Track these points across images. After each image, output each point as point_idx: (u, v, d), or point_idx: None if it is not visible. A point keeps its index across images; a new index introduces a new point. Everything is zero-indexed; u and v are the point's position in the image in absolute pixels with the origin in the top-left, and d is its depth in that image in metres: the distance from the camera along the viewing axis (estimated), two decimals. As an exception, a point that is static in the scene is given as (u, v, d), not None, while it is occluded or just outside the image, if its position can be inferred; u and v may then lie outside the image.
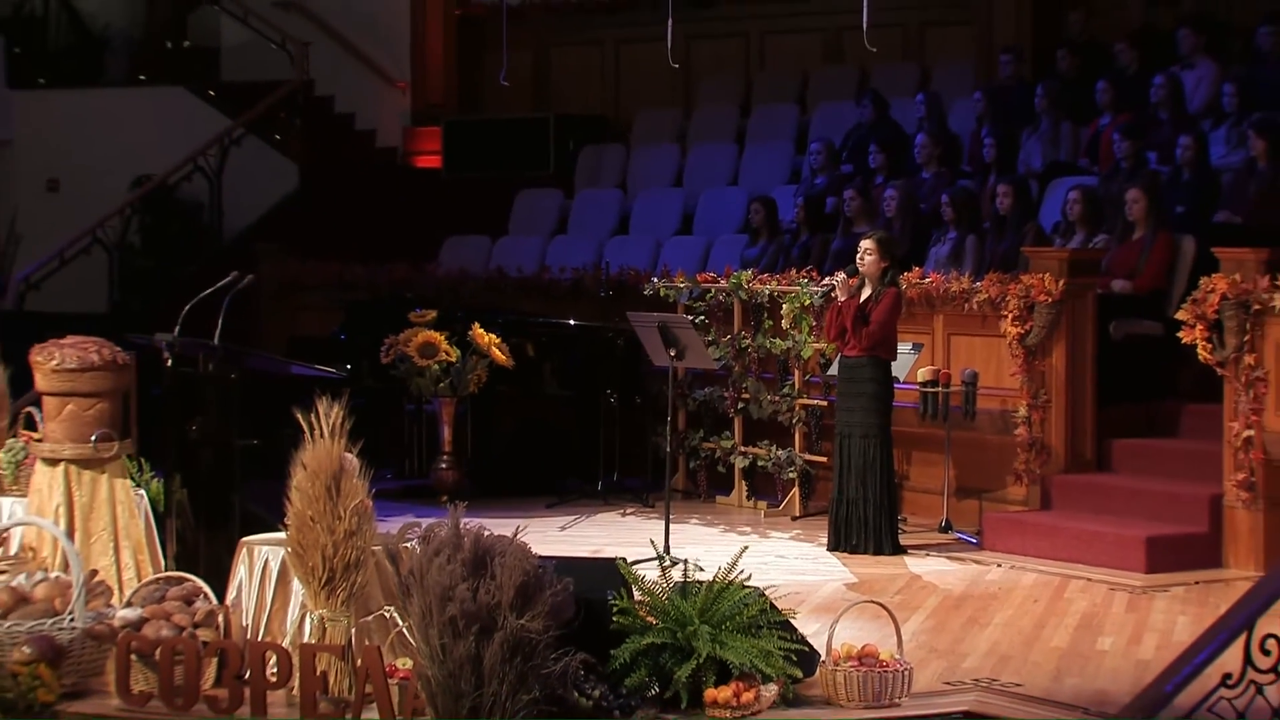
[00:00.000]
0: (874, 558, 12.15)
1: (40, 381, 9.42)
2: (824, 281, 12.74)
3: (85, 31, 23.25)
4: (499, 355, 14.20)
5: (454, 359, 14.25)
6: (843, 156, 17.09)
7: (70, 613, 8.74)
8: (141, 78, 22.78)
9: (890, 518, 12.32)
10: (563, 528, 13.49)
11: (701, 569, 11.10)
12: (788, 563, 12.20)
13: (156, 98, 22.03)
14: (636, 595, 8.38)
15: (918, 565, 12.05)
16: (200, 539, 10.06)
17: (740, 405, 14.27)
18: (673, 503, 14.22)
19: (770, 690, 8.13)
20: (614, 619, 8.19)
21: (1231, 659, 6.89)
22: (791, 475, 13.78)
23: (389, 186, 21.39)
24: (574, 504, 14.35)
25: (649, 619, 8.27)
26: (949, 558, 12.27)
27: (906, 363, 12.96)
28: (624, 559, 8.64)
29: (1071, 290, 12.56)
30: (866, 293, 12.25)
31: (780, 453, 13.85)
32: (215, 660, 8.37)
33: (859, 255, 12.31)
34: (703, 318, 14.53)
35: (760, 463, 14.10)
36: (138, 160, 21.16)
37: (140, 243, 21.07)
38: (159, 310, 20.06)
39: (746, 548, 9.15)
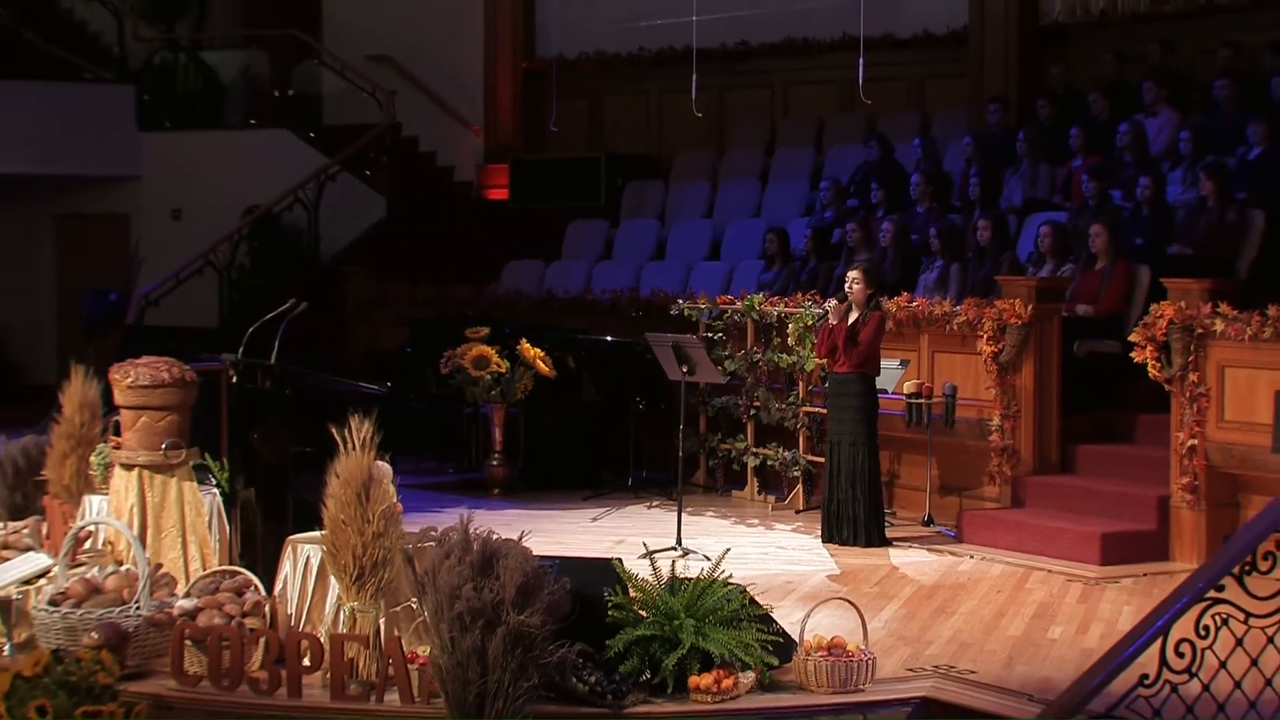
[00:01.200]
0: (862, 549, 11.91)
1: (118, 396, 9.33)
2: (823, 303, 12.42)
3: (207, 81, 23.13)
4: (542, 367, 14.12)
5: (504, 370, 14.13)
6: (850, 192, 16.85)
7: (136, 602, 8.59)
8: (252, 121, 22.68)
9: (876, 514, 12.08)
10: (594, 519, 13.31)
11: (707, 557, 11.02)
12: (786, 553, 11.97)
13: (265, 139, 21.91)
14: (631, 592, 8.18)
15: (899, 557, 11.80)
16: (261, 535, 9.87)
17: (752, 411, 14.04)
18: (694, 496, 14.21)
19: (748, 677, 7.98)
20: (609, 613, 7.99)
21: (1149, 660, 6.61)
22: (796, 473, 13.56)
23: (463, 216, 21.24)
24: (608, 497, 14.13)
25: (641, 613, 8.08)
26: (928, 549, 12.00)
27: (894, 376, 12.78)
28: (619, 559, 8.37)
29: (1039, 314, 12.36)
30: (854, 316, 12.02)
31: (786, 453, 13.65)
32: (261, 646, 8.20)
33: (846, 284, 12.18)
34: (720, 334, 14.34)
35: (769, 462, 13.87)
36: (248, 193, 21.01)
37: (250, 264, 20.91)
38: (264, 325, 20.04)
39: (729, 550, 8.90)
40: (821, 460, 12.88)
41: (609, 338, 14.80)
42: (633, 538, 12.18)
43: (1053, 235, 13.58)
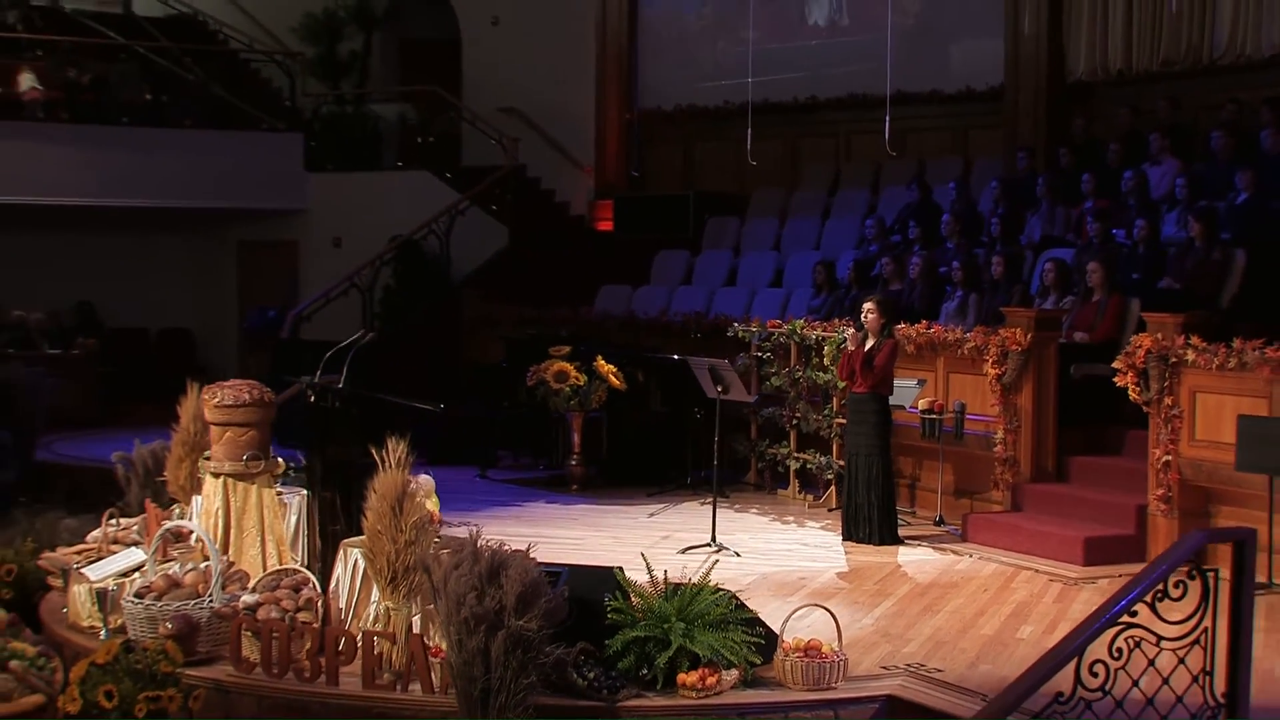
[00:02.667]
0: (875, 547, 11.49)
1: (207, 414, 9.13)
2: (849, 333, 11.93)
3: (364, 130, 22.98)
4: (614, 381, 13.88)
5: (582, 383, 13.83)
6: (894, 229, 16.29)
7: (209, 596, 8.31)
8: (400, 164, 22.47)
9: (889, 517, 11.66)
10: (651, 514, 12.96)
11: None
12: (807, 550, 11.55)
13: (410, 179, 21.68)
14: (632, 597, 7.80)
15: (906, 555, 11.32)
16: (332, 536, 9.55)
17: (794, 421, 13.61)
18: (743, 494, 13.92)
19: (731, 675, 7.61)
20: (609, 615, 7.61)
21: (1064, 679, 6.13)
22: (830, 476, 13.14)
23: (575, 245, 20.89)
24: (669, 493, 13.73)
25: (638, 615, 7.69)
26: (934, 548, 11.53)
27: (912, 394, 12.33)
28: (621, 568, 7.96)
29: (1037, 341, 11.93)
30: (870, 343, 11.56)
31: (822, 458, 13.23)
32: (305, 638, 7.88)
33: (862, 314, 11.78)
34: (768, 354, 13.91)
35: (808, 465, 13.46)
36: (395, 224, 20.75)
37: (395, 284, 20.67)
38: (406, 334, 19.83)
39: (717, 561, 8.51)
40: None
41: (675, 356, 14.32)
42: (679, 533, 11.95)
43: (1055, 271, 13.08)
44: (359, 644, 7.67)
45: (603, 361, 13.91)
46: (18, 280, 22.16)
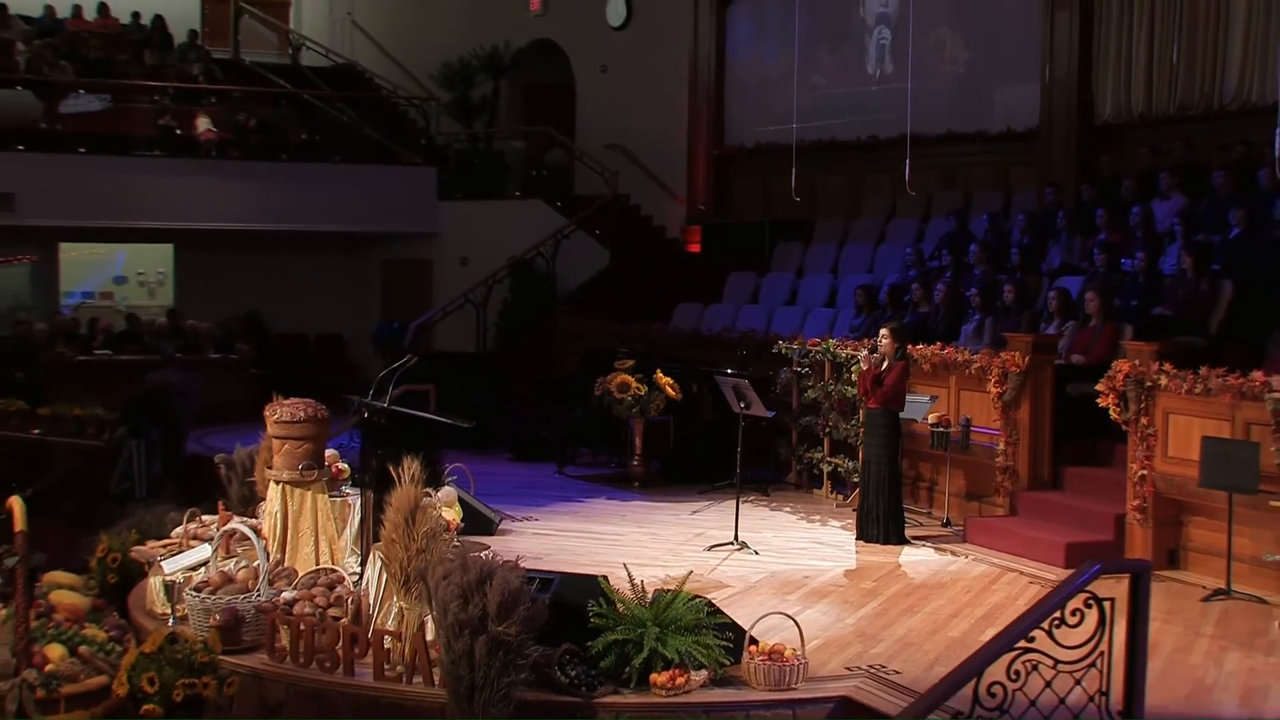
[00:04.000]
0: (883, 546, 11.10)
1: (269, 428, 9.02)
2: (862, 354, 11.53)
3: (488, 164, 22.95)
4: (670, 391, 13.59)
5: (642, 392, 13.53)
6: (933, 256, 15.79)
7: (257, 591, 8.19)
8: (517, 193, 22.34)
9: (896, 519, 11.29)
10: (694, 512, 12.57)
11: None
12: (821, 549, 11.17)
13: (526, 206, 21.60)
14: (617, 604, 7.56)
15: (909, 554, 10.91)
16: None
17: (827, 429, 13.22)
18: (782, 492, 13.64)
19: (700, 675, 7.37)
20: (592, 620, 7.34)
21: (963, 699, 5.78)
22: (855, 479, 12.59)
23: (667, 266, 20.56)
24: (718, 491, 13.27)
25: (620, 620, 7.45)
26: (935, 548, 11.10)
27: (924, 408, 11.93)
28: (605, 577, 7.70)
29: (1035, 363, 11.44)
30: (885, 365, 11.16)
31: (850, 463, 12.82)
32: (329, 633, 7.73)
33: (879, 339, 11.36)
34: (806, 369, 13.52)
35: (839, 469, 13.07)
36: (513, 246, 20.70)
37: (511, 299, 20.61)
38: (515, 344, 19.74)
39: (690, 572, 8.22)
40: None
41: (729, 370, 13.98)
42: (712, 530, 11.65)
43: (1059, 298, 12.63)
44: (371, 640, 7.52)
45: (661, 374, 13.63)
46: (196, 293, 22.50)
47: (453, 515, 8.85)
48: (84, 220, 20.56)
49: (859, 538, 11.30)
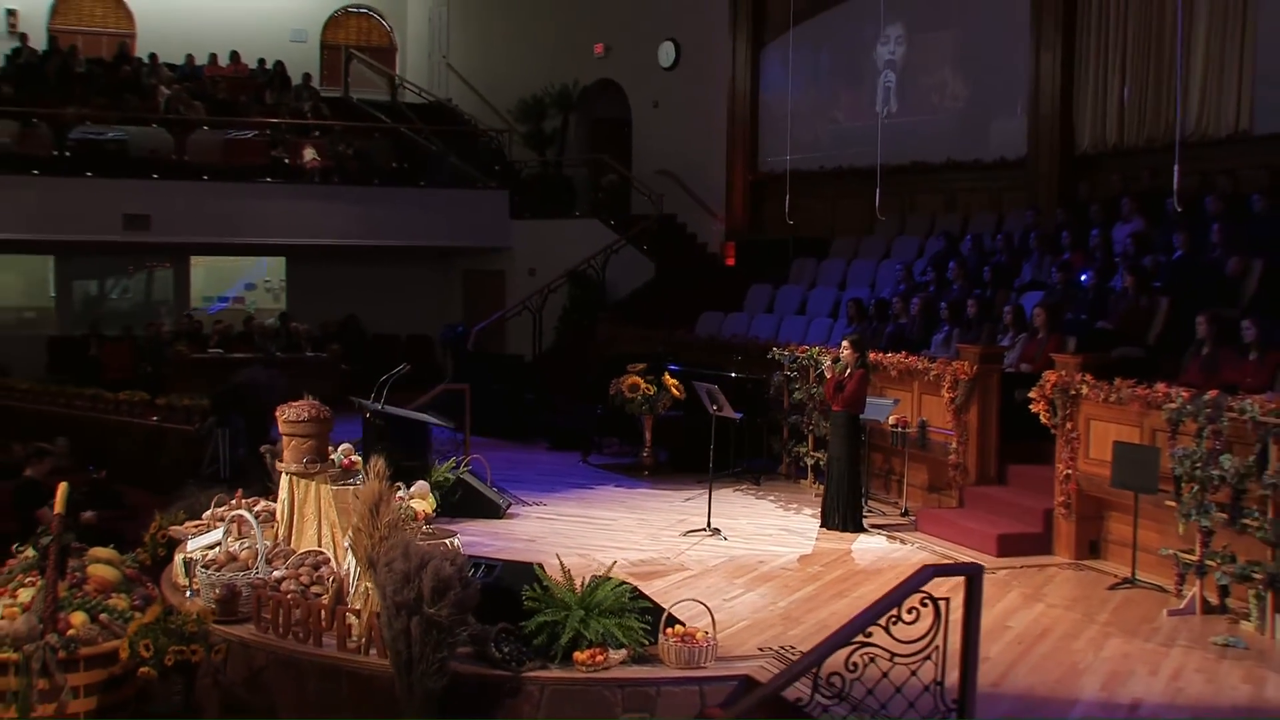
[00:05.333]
0: (840, 533, 10.88)
1: (280, 427, 8.99)
2: (826, 363, 11.34)
3: (554, 188, 22.94)
4: (675, 391, 13.47)
5: (651, 392, 13.41)
6: (924, 272, 15.45)
7: (256, 569, 8.22)
8: (577, 213, 22.30)
9: (854, 509, 11.09)
10: (687, 499, 12.37)
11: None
12: (784, 535, 10.93)
13: (584, 225, 21.57)
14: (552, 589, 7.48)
15: (862, 542, 10.67)
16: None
17: (810, 427, 13.00)
18: (773, 482, 13.43)
19: (620, 654, 7.29)
20: (525, 602, 7.26)
21: (804, 687, 5.64)
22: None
23: (703, 278, 20.37)
24: (717, 479, 12.99)
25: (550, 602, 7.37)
26: (888, 536, 10.85)
27: (887, 410, 11.69)
28: (541, 565, 7.61)
29: (982, 372, 11.14)
30: (848, 371, 10.94)
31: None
32: (300, 608, 7.72)
33: (840, 348, 11.16)
34: (794, 373, 13.26)
35: (819, 462, 12.77)
36: (573, 259, 20.68)
37: (569, 305, 20.58)
38: (566, 346, 19.69)
39: (615, 562, 8.07)
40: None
41: (733, 374, 13.84)
42: (696, 517, 11.39)
43: (1013, 312, 12.27)
44: (334, 616, 7.52)
45: (668, 376, 13.51)
46: (305, 300, 22.77)
47: (424, 506, 8.80)
48: (207, 237, 20.90)
49: (822, 525, 11.10)
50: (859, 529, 10.94)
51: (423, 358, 22.48)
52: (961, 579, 5.75)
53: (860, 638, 5.62)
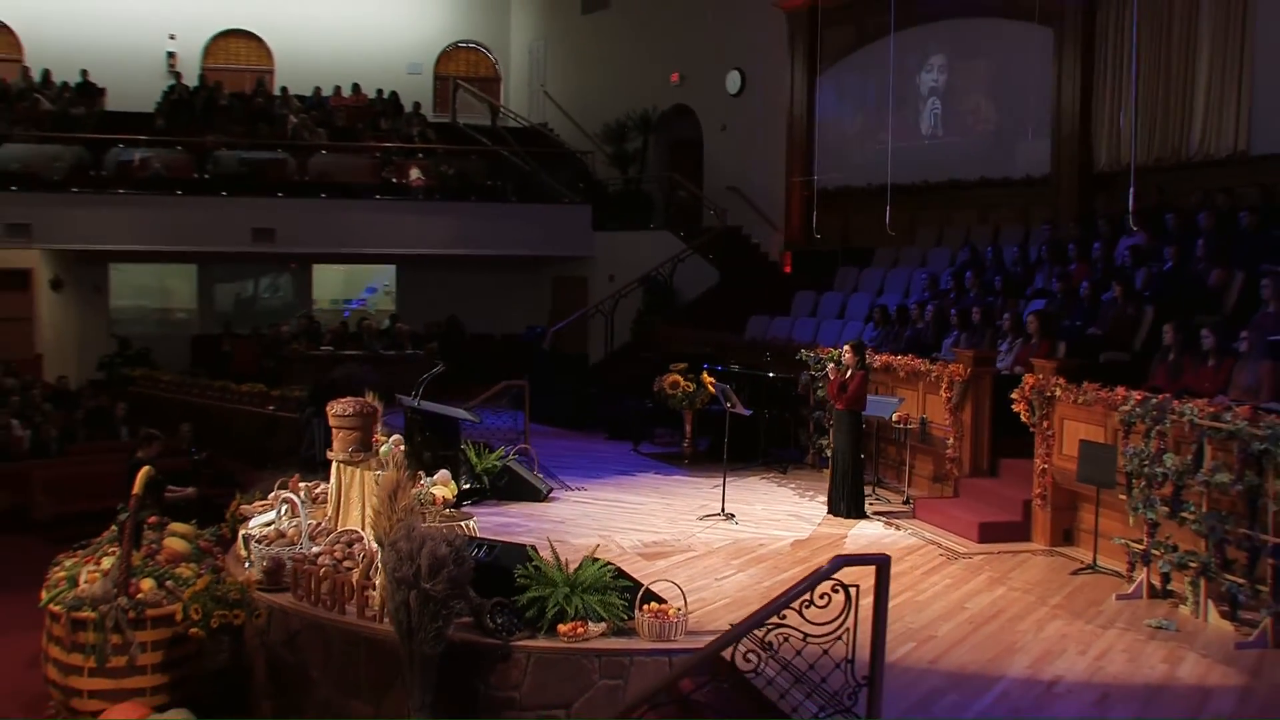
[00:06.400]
0: (843, 520, 10.84)
1: (330, 420, 9.20)
2: (829, 366, 11.34)
3: (633, 203, 23.09)
4: (711, 389, 13.38)
5: (690, 389, 13.49)
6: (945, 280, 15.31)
7: (300, 545, 8.51)
8: (651, 225, 22.48)
9: (856, 498, 11.05)
10: (714, 486, 12.25)
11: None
12: (792, 521, 10.86)
13: (657, 236, 21.74)
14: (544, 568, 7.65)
15: (861, 528, 10.63)
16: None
17: (829, 422, 12.72)
18: (800, 471, 13.40)
19: (600, 627, 7.42)
20: (518, 579, 7.44)
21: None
22: (849, 462, 12.40)
23: (760, 284, 20.31)
24: (747, 468, 13.16)
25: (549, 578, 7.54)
26: (885, 523, 10.80)
27: (891, 408, 11.65)
28: (534, 546, 7.77)
29: (975, 374, 11.08)
30: (849, 373, 10.93)
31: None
32: (328, 580, 7.97)
33: (841, 352, 11.15)
34: (819, 372, 13.17)
35: (839, 454, 12.76)
36: (644, 266, 20.88)
37: (643, 308, 20.73)
38: (636, 346, 19.82)
39: (599, 544, 8.20)
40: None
41: (770, 374, 13.83)
42: (715, 503, 11.41)
43: (1011, 319, 12.12)
44: (355, 588, 7.76)
45: (706, 374, 13.58)
46: (412, 303, 23.25)
47: (444, 492, 9.02)
48: (325, 248, 21.47)
49: (829, 512, 11.09)
50: (861, 515, 10.92)
51: (514, 355, 22.90)
52: (872, 568, 5.78)
53: (774, 619, 5.68)
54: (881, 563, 5.78)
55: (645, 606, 7.41)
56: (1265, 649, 7.20)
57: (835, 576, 5.73)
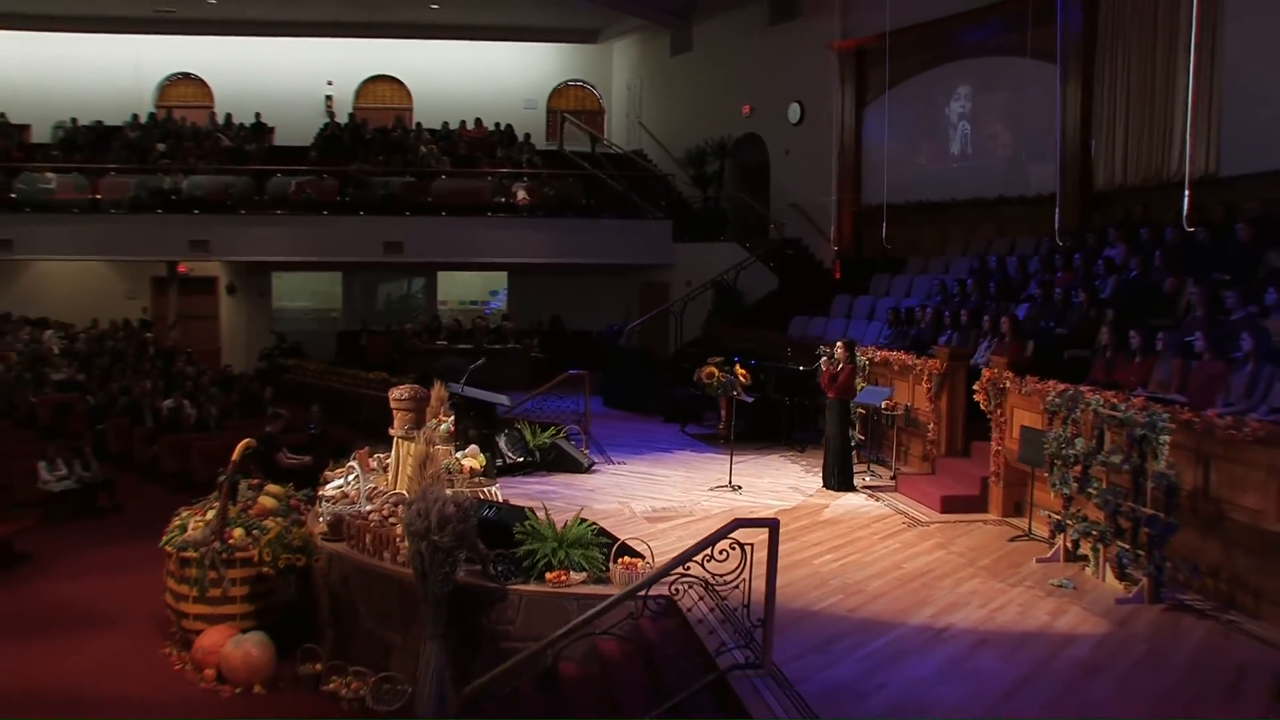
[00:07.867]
0: (834, 492, 11.08)
1: (391, 403, 9.73)
2: (822, 360, 11.60)
3: (710, 217, 23.37)
4: (743, 379, 13.61)
5: (725, 379, 13.76)
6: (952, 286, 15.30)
7: (359, 505, 9.12)
8: (720, 238, 22.73)
9: (845, 474, 11.27)
10: (739, 462, 12.60)
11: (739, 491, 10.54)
12: (790, 493, 11.11)
13: (727, 248, 22.02)
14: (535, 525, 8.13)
15: (845, 499, 10.85)
16: (467, 471, 10.13)
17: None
18: (815, 450, 13.41)
19: (580, 576, 7.87)
20: (516, 535, 7.95)
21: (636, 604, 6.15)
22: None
23: (815, 289, 20.42)
24: (771, 449, 13.44)
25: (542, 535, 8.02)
26: (868, 495, 11.01)
27: (882, 397, 11.84)
28: (532, 509, 8.27)
29: (952, 368, 11.22)
30: (840, 366, 11.18)
31: (852, 431, 12.59)
32: (370, 533, 8.53)
33: (834, 348, 11.36)
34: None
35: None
36: (715, 272, 21.17)
37: (713, 309, 21.04)
38: (701, 342, 20.14)
39: (582, 508, 8.59)
40: (861, 438, 12.20)
41: (799, 366, 14.05)
42: (720, 479, 11.65)
43: (991, 320, 12.18)
44: (389, 540, 8.35)
45: (739, 366, 13.85)
46: (522, 304, 23.96)
47: (473, 463, 9.56)
48: (446, 258, 22.31)
49: (823, 486, 11.35)
50: (850, 488, 11.16)
51: (604, 349, 23.40)
52: (765, 530, 6.14)
53: (679, 570, 6.08)
54: (772, 525, 6.13)
55: (620, 560, 7.87)
56: (1140, 604, 7.32)
57: (732, 536, 6.10)
